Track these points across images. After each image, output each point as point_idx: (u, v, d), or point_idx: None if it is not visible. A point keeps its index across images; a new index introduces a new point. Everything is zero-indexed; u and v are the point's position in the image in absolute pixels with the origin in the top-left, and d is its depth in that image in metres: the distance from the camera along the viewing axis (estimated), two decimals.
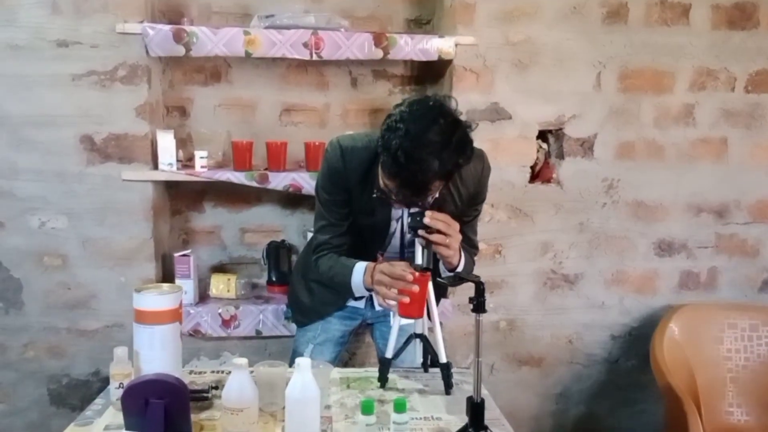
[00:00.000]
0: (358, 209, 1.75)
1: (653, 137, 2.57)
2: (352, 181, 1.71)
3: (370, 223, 1.76)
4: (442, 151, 1.47)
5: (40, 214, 2.32)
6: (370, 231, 1.79)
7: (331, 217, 1.77)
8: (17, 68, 2.25)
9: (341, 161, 1.69)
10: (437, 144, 1.47)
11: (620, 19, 2.49)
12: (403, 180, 1.50)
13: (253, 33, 2.26)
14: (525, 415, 2.65)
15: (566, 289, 2.62)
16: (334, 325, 1.98)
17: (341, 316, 1.98)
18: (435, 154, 1.46)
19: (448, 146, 1.48)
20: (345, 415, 1.52)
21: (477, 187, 1.81)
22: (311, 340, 1.95)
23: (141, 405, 1.25)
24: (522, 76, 2.47)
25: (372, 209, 1.73)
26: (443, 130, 1.49)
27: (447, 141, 1.48)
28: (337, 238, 1.79)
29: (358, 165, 1.69)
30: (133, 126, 2.30)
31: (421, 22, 2.65)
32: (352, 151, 1.70)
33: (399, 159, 1.46)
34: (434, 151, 1.46)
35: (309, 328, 1.99)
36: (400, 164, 1.47)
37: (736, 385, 2.44)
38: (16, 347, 2.37)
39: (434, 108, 1.53)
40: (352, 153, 1.69)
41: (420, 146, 1.46)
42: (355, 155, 1.69)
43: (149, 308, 1.44)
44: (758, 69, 2.58)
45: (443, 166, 1.48)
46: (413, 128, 1.47)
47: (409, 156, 1.45)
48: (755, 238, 2.68)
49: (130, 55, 2.26)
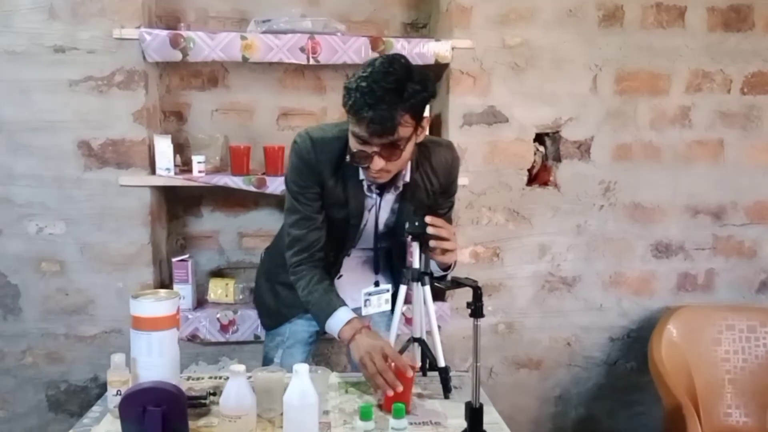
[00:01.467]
0: (330, 202, 1.73)
1: (650, 139, 2.58)
2: (324, 172, 1.69)
3: (343, 215, 1.74)
4: (405, 82, 1.50)
5: (37, 219, 2.32)
6: (342, 224, 1.76)
7: (305, 210, 1.73)
8: (14, 74, 2.25)
9: (312, 152, 1.67)
10: (399, 75, 1.50)
11: (616, 21, 2.49)
12: (371, 118, 1.49)
13: (250, 38, 2.27)
14: (524, 418, 2.65)
15: (564, 291, 2.62)
16: (300, 326, 1.95)
17: (307, 317, 1.93)
18: (398, 83, 1.49)
19: (410, 78, 1.51)
20: (343, 421, 1.52)
21: (447, 177, 1.81)
22: (280, 345, 1.93)
23: (139, 413, 1.25)
24: (519, 79, 2.47)
25: (345, 200, 1.72)
26: (403, 65, 1.54)
27: (408, 74, 1.52)
28: (312, 233, 1.74)
29: (330, 155, 1.67)
30: (130, 131, 2.30)
31: (418, 26, 2.65)
32: (323, 141, 1.68)
33: (364, 93, 1.48)
34: (397, 80, 1.49)
35: (277, 332, 1.96)
36: (365, 100, 1.48)
37: (734, 386, 2.44)
38: (14, 353, 2.37)
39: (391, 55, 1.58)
40: (323, 144, 1.68)
41: (382, 77, 1.49)
42: (326, 146, 1.68)
43: (146, 315, 1.44)
44: (754, 71, 2.59)
45: (408, 96, 1.50)
46: (374, 68, 1.52)
47: (371, 89, 1.48)
48: (752, 239, 2.68)
49: (127, 61, 2.26)
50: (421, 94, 1.53)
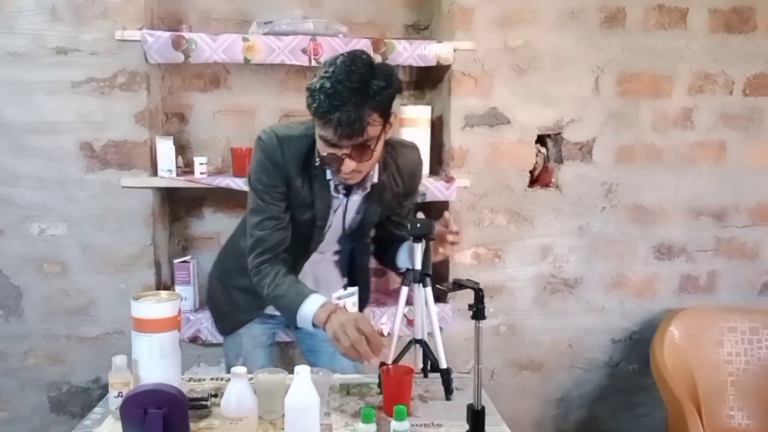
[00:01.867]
0: (296, 202, 1.69)
1: (652, 141, 2.58)
2: (290, 171, 1.65)
3: (308, 217, 1.70)
4: (369, 80, 1.48)
5: (39, 221, 2.32)
6: (307, 226, 1.72)
7: (270, 210, 1.68)
8: (17, 75, 2.25)
9: (279, 150, 1.63)
10: (362, 73, 1.48)
11: (618, 23, 2.49)
12: (339, 120, 1.46)
13: (252, 39, 2.27)
14: (526, 420, 2.65)
15: (566, 293, 2.62)
16: (257, 330, 1.92)
17: (263, 320, 1.92)
18: (363, 82, 1.47)
19: (373, 75, 1.49)
20: (345, 423, 1.52)
21: (412, 179, 1.80)
22: (240, 352, 1.89)
23: (140, 414, 1.25)
24: (520, 81, 2.47)
25: (312, 201, 1.68)
26: (366, 62, 1.51)
27: (371, 70, 1.50)
28: (277, 233, 1.69)
29: (296, 154, 1.64)
30: (132, 132, 2.30)
31: (420, 28, 2.65)
32: (290, 140, 1.64)
33: (328, 95, 1.45)
34: (361, 79, 1.47)
35: (234, 339, 1.93)
36: (330, 102, 1.45)
37: (736, 388, 2.43)
38: (16, 355, 2.37)
39: (352, 52, 1.55)
40: (290, 142, 1.64)
41: (346, 77, 1.46)
42: (293, 144, 1.64)
43: (147, 316, 1.44)
44: (756, 72, 2.59)
45: (373, 94, 1.48)
46: (336, 67, 1.48)
47: (336, 90, 1.45)
48: (754, 240, 2.68)
49: (129, 62, 2.26)
50: (387, 90, 1.50)
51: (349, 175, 1.57)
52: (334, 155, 1.53)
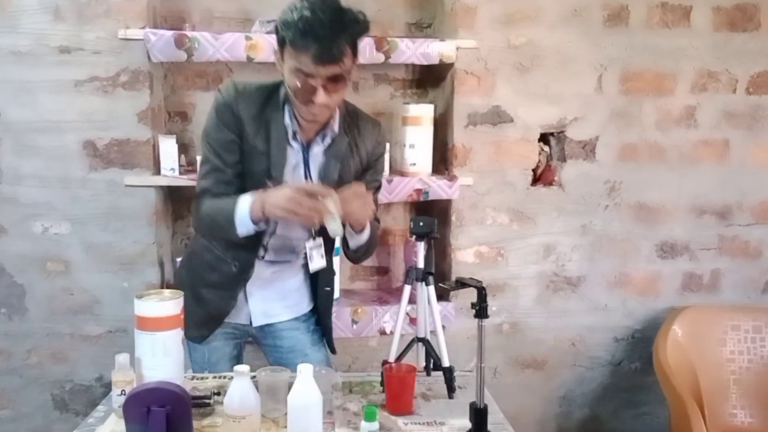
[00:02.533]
0: (249, 151, 1.67)
1: (655, 139, 2.57)
2: (244, 119, 1.65)
3: (263, 168, 1.67)
4: (344, 12, 1.53)
5: (43, 219, 2.32)
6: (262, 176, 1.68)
7: (217, 160, 1.67)
8: (20, 74, 2.25)
9: (234, 97, 1.64)
10: (337, 5, 1.53)
11: (621, 21, 2.49)
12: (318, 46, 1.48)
13: (255, 38, 2.27)
14: (528, 418, 2.65)
15: (569, 291, 2.62)
16: (219, 343, 1.86)
17: (224, 335, 1.86)
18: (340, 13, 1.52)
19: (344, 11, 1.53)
20: (348, 421, 1.52)
21: (374, 150, 1.79)
22: (204, 366, 1.85)
23: (143, 413, 1.25)
24: (523, 79, 2.47)
25: (267, 150, 1.66)
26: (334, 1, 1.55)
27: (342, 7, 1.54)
28: (220, 185, 1.67)
29: (252, 104, 1.65)
30: (135, 131, 2.30)
31: (422, 26, 2.65)
32: (245, 88, 1.66)
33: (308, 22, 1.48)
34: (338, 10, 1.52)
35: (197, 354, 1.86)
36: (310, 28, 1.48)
37: (739, 387, 2.43)
38: (19, 353, 2.38)
39: None
40: (245, 90, 1.65)
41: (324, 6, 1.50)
42: (248, 93, 1.66)
43: (150, 314, 1.45)
44: (759, 70, 2.58)
45: (349, 25, 1.52)
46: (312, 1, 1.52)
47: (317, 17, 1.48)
48: (758, 239, 2.67)
49: (132, 61, 2.26)
50: (360, 24, 1.55)
51: (319, 110, 1.58)
52: (309, 84, 1.54)
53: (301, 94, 1.56)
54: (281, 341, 1.88)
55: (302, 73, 1.53)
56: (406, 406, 1.57)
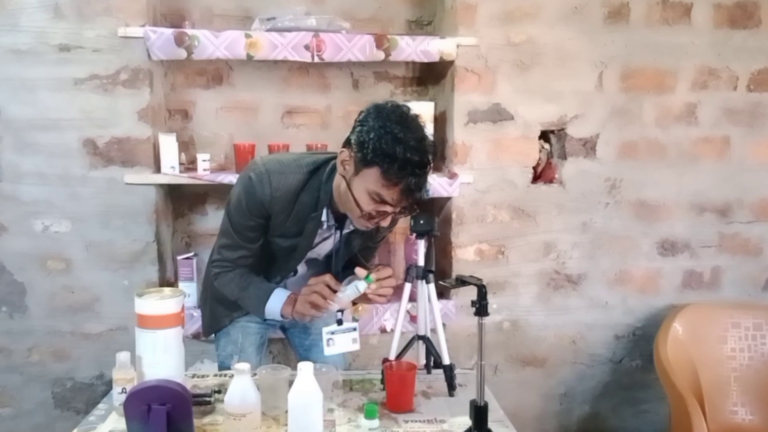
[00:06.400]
0: (278, 233, 1.69)
1: (655, 137, 2.57)
2: (276, 208, 1.63)
3: (290, 244, 1.71)
4: (429, 149, 1.50)
5: (43, 217, 2.33)
6: (287, 251, 1.73)
7: (240, 239, 1.69)
8: (20, 72, 2.25)
9: (268, 188, 1.60)
10: (429, 144, 1.50)
11: (621, 18, 2.49)
12: (412, 184, 1.46)
13: (255, 36, 2.27)
14: (529, 415, 2.65)
15: (569, 289, 2.62)
16: (252, 329, 1.90)
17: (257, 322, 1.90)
18: (429, 153, 1.49)
19: (429, 143, 1.51)
20: (348, 419, 1.52)
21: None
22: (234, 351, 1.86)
23: (144, 411, 1.25)
24: (524, 77, 2.47)
25: (299, 231, 1.67)
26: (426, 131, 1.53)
27: (427, 137, 1.51)
28: (241, 260, 1.73)
29: (286, 192, 1.62)
30: (135, 129, 2.30)
31: (423, 24, 2.65)
32: (281, 177, 1.61)
33: (412, 163, 1.44)
34: (429, 151, 1.49)
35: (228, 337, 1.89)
36: (406, 168, 1.44)
37: (740, 384, 2.43)
38: (20, 351, 2.38)
39: (409, 111, 1.54)
40: (280, 180, 1.61)
41: (419, 150, 1.46)
42: (284, 182, 1.62)
43: (151, 313, 1.45)
44: (760, 68, 2.58)
45: (431, 162, 1.51)
46: (411, 133, 1.47)
47: (416, 161, 1.45)
48: (758, 236, 2.67)
49: (132, 59, 2.26)
50: (437, 148, 1.56)
51: (374, 226, 1.59)
52: (382, 210, 1.52)
53: (368, 214, 1.54)
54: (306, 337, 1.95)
55: (380, 200, 1.50)
56: (407, 404, 1.58)
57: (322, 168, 1.64)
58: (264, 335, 1.97)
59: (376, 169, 1.47)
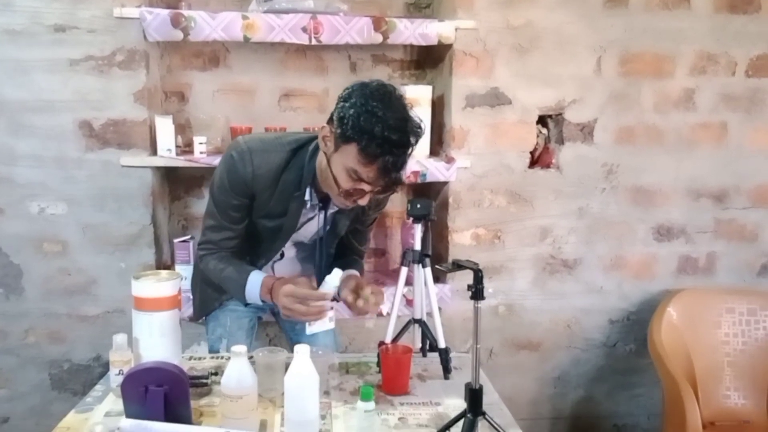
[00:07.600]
0: (262, 213, 1.70)
1: (653, 122, 2.57)
2: (258, 186, 1.64)
3: (275, 225, 1.71)
4: (412, 129, 1.49)
5: (39, 200, 2.32)
6: (271, 232, 1.74)
7: (224, 219, 1.71)
8: (14, 53, 2.23)
9: (250, 166, 1.61)
10: (411, 124, 1.49)
11: (621, 3, 2.47)
12: (389, 162, 1.46)
13: (252, 17, 2.25)
14: (523, 399, 2.67)
15: (565, 274, 2.62)
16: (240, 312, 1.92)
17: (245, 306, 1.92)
18: (410, 133, 1.49)
19: (412, 123, 1.50)
20: (344, 401, 1.53)
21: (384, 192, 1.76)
22: (223, 334, 1.89)
23: (141, 392, 1.26)
24: (522, 61, 2.45)
25: (283, 211, 1.68)
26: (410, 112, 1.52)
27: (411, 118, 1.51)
28: (226, 241, 1.75)
29: (268, 171, 1.63)
30: (131, 111, 2.29)
31: (421, 6, 2.63)
32: (262, 155, 1.63)
33: (391, 141, 1.44)
34: (410, 131, 1.49)
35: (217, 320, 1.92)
36: (385, 146, 1.44)
37: (733, 369, 2.45)
38: (16, 333, 2.39)
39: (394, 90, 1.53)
40: (262, 158, 1.63)
41: (400, 129, 1.46)
42: (265, 160, 1.63)
43: (148, 295, 1.45)
44: (759, 53, 2.57)
45: (412, 144, 1.50)
46: (391, 112, 1.46)
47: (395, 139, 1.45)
48: (754, 222, 2.68)
49: (127, 40, 2.24)
50: (420, 138, 1.52)
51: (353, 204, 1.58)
52: (359, 188, 1.53)
53: (345, 191, 1.54)
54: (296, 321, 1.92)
55: (357, 177, 1.50)
56: (402, 387, 1.59)
57: (305, 147, 1.65)
58: (253, 318, 1.98)
59: (354, 146, 1.47)
